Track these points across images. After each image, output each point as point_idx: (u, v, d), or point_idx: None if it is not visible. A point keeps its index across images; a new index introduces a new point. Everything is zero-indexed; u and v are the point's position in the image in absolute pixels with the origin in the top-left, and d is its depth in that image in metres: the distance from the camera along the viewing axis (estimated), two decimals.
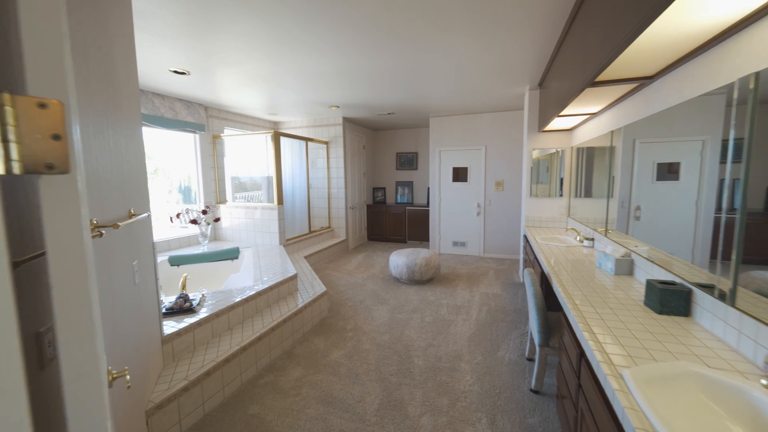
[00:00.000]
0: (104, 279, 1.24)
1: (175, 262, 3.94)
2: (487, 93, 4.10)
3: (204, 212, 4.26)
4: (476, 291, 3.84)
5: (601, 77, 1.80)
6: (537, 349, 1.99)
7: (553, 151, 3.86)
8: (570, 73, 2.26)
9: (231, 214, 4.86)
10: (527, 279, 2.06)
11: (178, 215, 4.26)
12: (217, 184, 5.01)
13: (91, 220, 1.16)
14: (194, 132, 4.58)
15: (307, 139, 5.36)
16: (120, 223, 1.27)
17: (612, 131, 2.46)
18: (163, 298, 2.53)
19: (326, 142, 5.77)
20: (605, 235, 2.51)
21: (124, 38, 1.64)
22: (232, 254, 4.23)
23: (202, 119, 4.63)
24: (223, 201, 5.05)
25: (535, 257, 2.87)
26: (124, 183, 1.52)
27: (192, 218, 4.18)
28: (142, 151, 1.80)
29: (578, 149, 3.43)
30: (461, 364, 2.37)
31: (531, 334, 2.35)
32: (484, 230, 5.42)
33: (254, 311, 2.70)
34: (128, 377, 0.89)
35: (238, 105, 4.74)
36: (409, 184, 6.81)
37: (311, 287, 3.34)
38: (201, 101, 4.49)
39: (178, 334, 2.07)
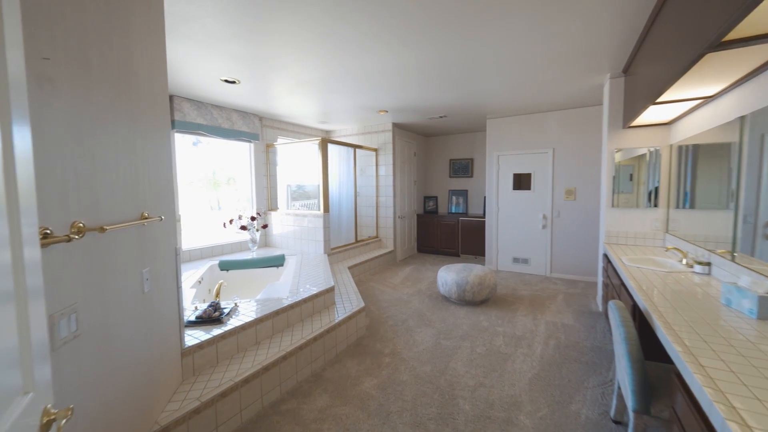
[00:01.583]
0: (88, 290, 1.10)
1: (224, 266, 4.03)
2: (555, 86, 3.53)
3: (253, 219, 4.33)
4: (541, 319, 3.23)
5: (734, 34, 1.26)
6: (630, 413, 1.45)
7: (643, 151, 3.13)
8: (674, 42, 1.71)
9: (282, 222, 4.90)
10: (614, 315, 1.53)
11: (231, 221, 4.38)
12: (270, 192, 5.13)
13: (75, 222, 1.03)
14: (249, 141, 4.74)
15: (355, 146, 5.24)
16: (108, 227, 1.13)
17: (742, 118, 1.80)
18: (197, 305, 2.48)
19: (375, 149, 5.60)
20: (732, 260, 1.83)
21: (150, 37, 1.58)
22: (278, 261, 4.21)
23: (257, 129, 4.79)
24: (275, 208, 5.14)
25: (622, 284, 2.25)
26: (136, 184, 1.42)
27: (242, 225, 4.26)
28: (167, 153, 1.73)
29: (681, 147, 2.70)
30: (520, 417, 1.88)
31: (619, 387, 1.77)
32: (552, 246, 4.69)
33: (285, 325, 2.52)
34: (63, 423, 0.69)
35: (290, 114, 4.81)
36: (464, 193, 6.31)
37: (349, 302, 3.09)
38: (256, 111, 4.64)
39: (200, 346, 1.95)
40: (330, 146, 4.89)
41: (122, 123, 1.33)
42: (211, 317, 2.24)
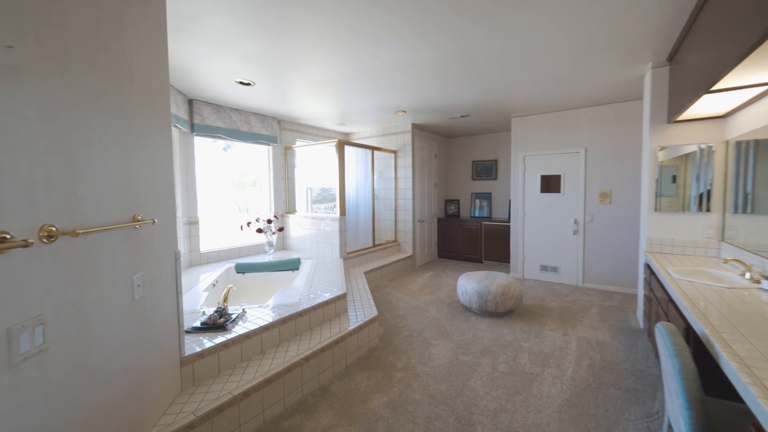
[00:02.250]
0: (61, 298, 1.02)
1: (240, 269, 4.02)
2: (588, 80, 3.23)
3: (269, 222, 4.30)
4: (572, 334, 2.92)
5: None
6: None
7: (692, 149, 2.77)
8: (736, 18, 1.44)
9: (300, 225, 4.84)
10: (665, 342, 1.27)
11: (249, 224, 4.38)
12: (288, 195, 5.11)
13: (44, 226, 0.94)
14: (267, 144, 4.74)
15: (373, 148, 5.12)
16: (88, 230, 1.05)
17: None
18: (205, 309, 2.42)
19: (394, 151, 5.45)
20: None
21: (148, 32, 1.52)
22: (293, 265, 4.14)
23: (275, 131, 4.78)
24: (293, 211, 5.11)
25: (670, 300, 1.95)
26: (127, 185, 1.34)
27: (258, 227, 4.24)
28: (167, 154, 1.66)
29: (739, 143, 2.35)
30: None
31: (670, 426, 1.50)
32: (584, 253, 4.32)
33: (293, 333, 2.41)
34: None
35: (308, 116, 4.77)
36: (487, 196, 6.01)
37: (362, 309, 2.94)
38: (274, 114, 4.63)
39: (201, 355, 1.86)
40: (347, 148, 4.80)
41: (111, 120, 1.25)
42: (216, 324, 2.16)
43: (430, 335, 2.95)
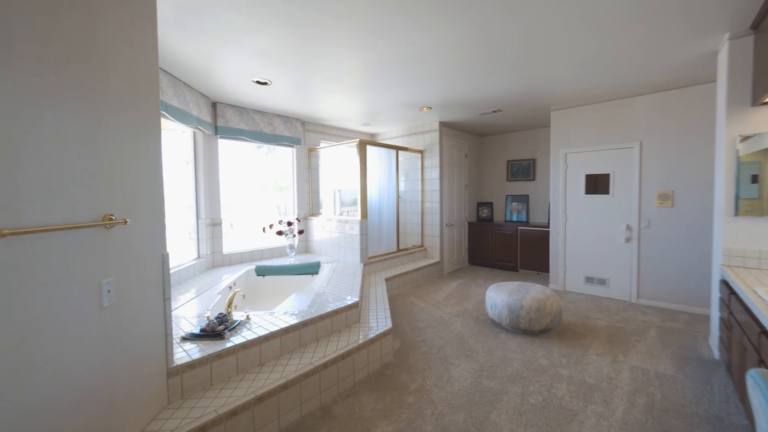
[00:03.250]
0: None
1: (260, 272, 3.97)
2: (643, 61, 2.74)
3: (289, 224, 4.22)
4: (624, 362, 2.45)
5: None
6: None
7: None
8: None
9: (323, 227, 4.73)
10: (761, 395, 0.89)
11: (271, 226, 4.34)
12: (311, 197, 5.03)
13: None
14: (291, 146, 4.70)
15: (397, 148, 4.88)
16: (9, 232, 0.92)
17: None
18: (209, 314, 2.33)
19: (421, 151, 5.17)
20: None
21: (129, 18, 1.42)
22: (312, 269, 4.02)
23: (299, 133, 4.72)
24: (317, 213, 5.01)
25: (763, 332, 1.49)
26: (95, 181, 1.23)
27: (278, 230, 4.18)
28: (154, 149, 1.56)
29: None
30: None
31: None
32: (639, 264, 3.73)
33: (296, 345, 2.23)
34: None
35: (331, 116, 4.66)
36: (524, 199, 5.51)
37: (376, 320, 2.70)
38: (298, 116, 4.57)
39: (191, 366, 1.73)
40: (371, 149, 4.61)
41: (73, 109, 1.15)
42: (215, 331, 2.04)
43: (451, 353, 2.63)
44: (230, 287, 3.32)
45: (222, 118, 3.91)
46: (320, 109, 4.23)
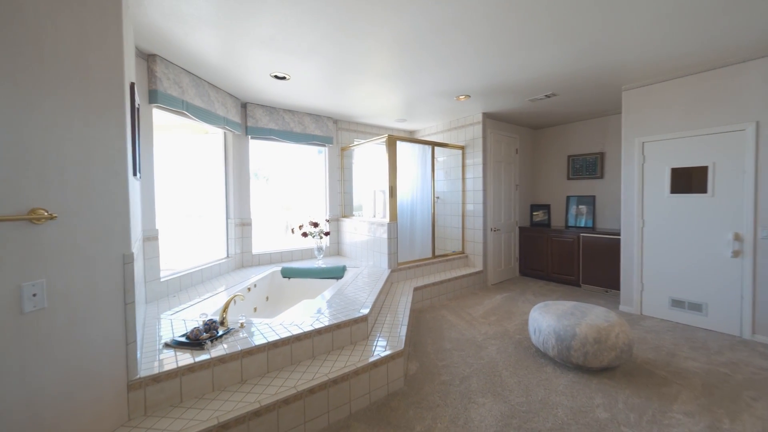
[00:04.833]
0: None
1: (286, 274, 3.86)
2: (758, 11, 1.96)
3: (315, 225, 4.04)
4: (730, 430, 1.72)
5: None
6: None
7: None
8: None
9: (356, 229, 4.48)
10: None
11: (300, 226, 4.22)
12: (343, 198, 4.83)
13: None
14: (322, 145, 4.56)
15: (433, 144, 4.43)
16: None
17: None
18: (204, 318, 2.18)
19: (462, 147, 4.65)
20: None
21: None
22: (337, 273, 3.79)
23: (331, 132, 4.56)
24: (349, 215, 4.80)
25: None
26: (19, 170, 1.09)
27: (303, 231, 4.03)
28: (116, 137, 1.41)
29: None
30: None
31: None
32: (755, 286, 2.77)
33: (287, 361, 1.96)
34: None
35: (363, 113, 4.41)
36: (589, 200, 4.64)
37: (388, 338, 2.33)
38: (329, 114, 4.42)
39: (156, 379, 1.56)
40: (403, 146, 4.25)
41: None
42: (198, 339, 1.86)
43: (476, 386, 2.13)
44: (249, 289, 3.23)
45: (252, 119, 3.90)
46: (349, 105, 4.00)
